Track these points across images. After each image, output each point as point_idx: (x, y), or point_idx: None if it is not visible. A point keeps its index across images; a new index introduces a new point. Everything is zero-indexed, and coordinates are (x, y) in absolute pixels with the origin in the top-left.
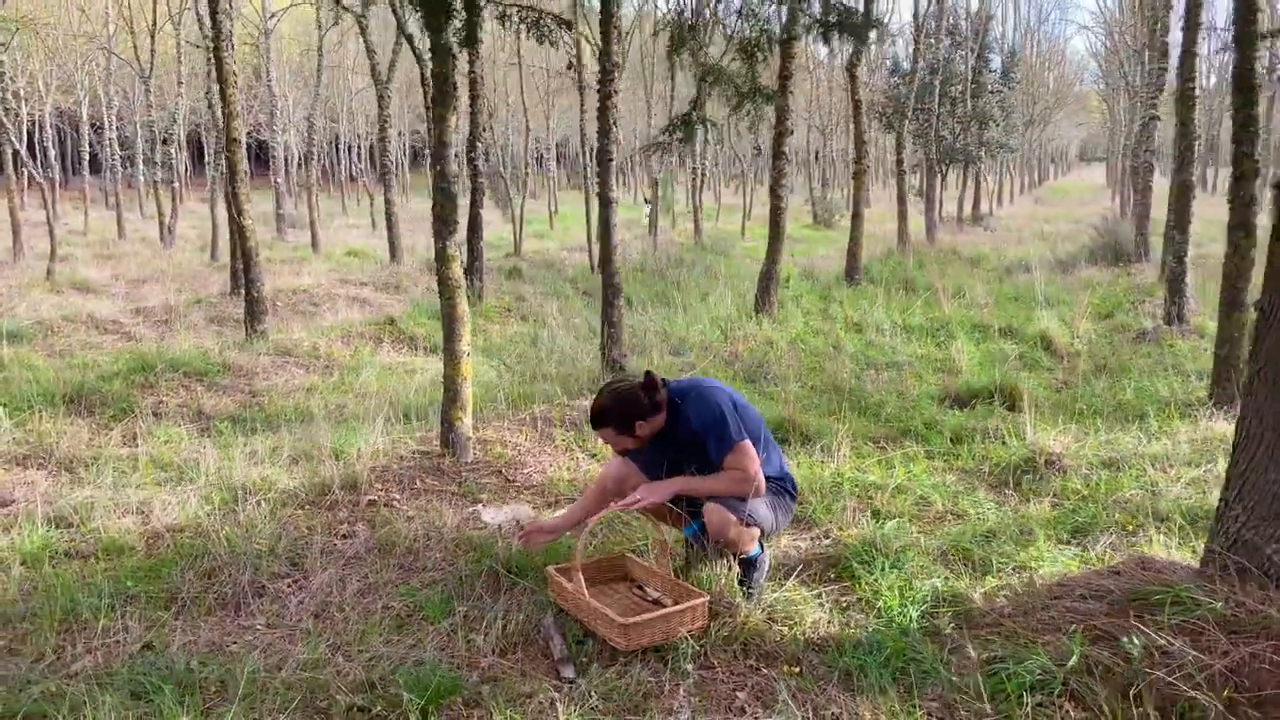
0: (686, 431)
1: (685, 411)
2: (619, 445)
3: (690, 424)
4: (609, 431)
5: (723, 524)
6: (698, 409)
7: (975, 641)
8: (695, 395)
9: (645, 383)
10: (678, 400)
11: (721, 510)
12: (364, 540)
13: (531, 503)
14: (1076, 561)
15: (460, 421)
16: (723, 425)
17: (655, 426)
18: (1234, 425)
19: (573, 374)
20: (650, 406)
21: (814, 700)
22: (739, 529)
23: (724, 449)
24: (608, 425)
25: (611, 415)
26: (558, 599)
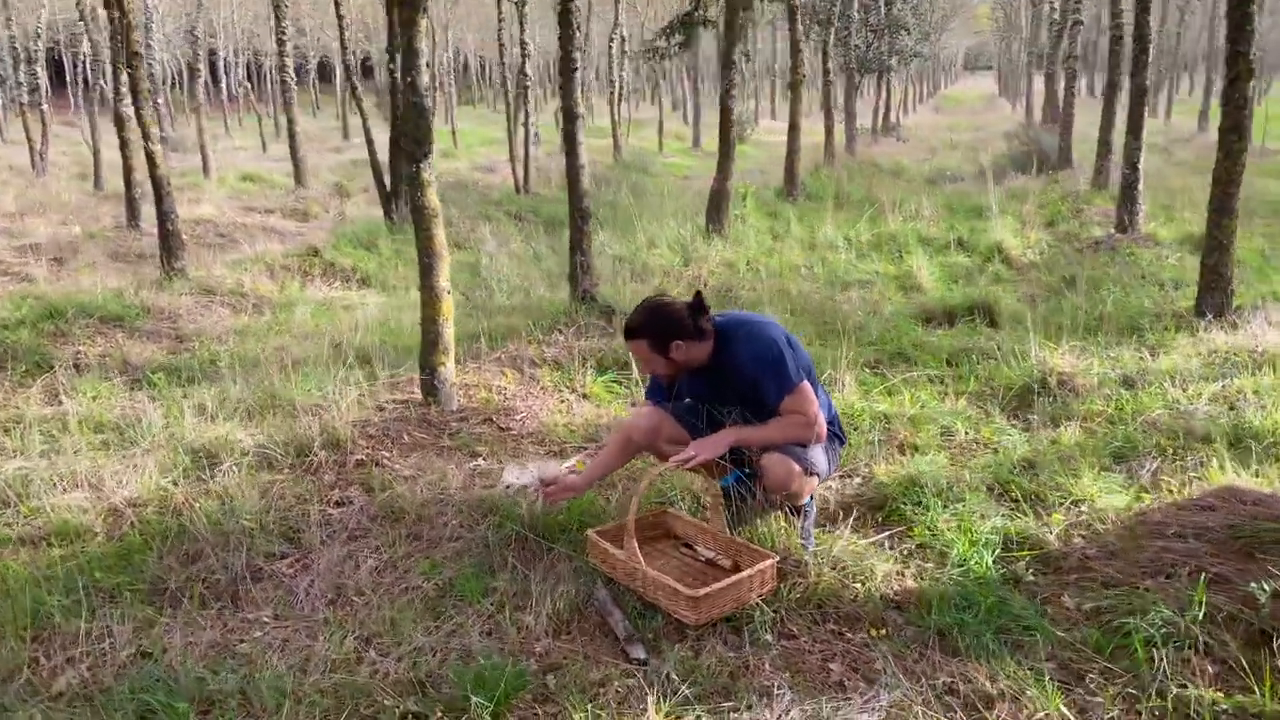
0: (735, 372)
1: (734, 349)
2: (650, 367)
3: (740, 364)
4: (643, 345)
5: (786, 476)
6: (750, 348)
7: (1069, 590)
8: (746, 333)
9: (693, 302)
10: (725, 335)
11: (785, 461)
12: (363, 508)
13: (539, 455)
14: (1130, 491)
15: (443, 367)
16: (780, 366)
17: (694, 356)
18: (1235, 337)
19: (534, 306)
20: (694, 329)
21: (917, 668)
22: (802, 480)
23: (782, 392)
24: (642, 337)
25: (648, 328)
26: (605, 568)
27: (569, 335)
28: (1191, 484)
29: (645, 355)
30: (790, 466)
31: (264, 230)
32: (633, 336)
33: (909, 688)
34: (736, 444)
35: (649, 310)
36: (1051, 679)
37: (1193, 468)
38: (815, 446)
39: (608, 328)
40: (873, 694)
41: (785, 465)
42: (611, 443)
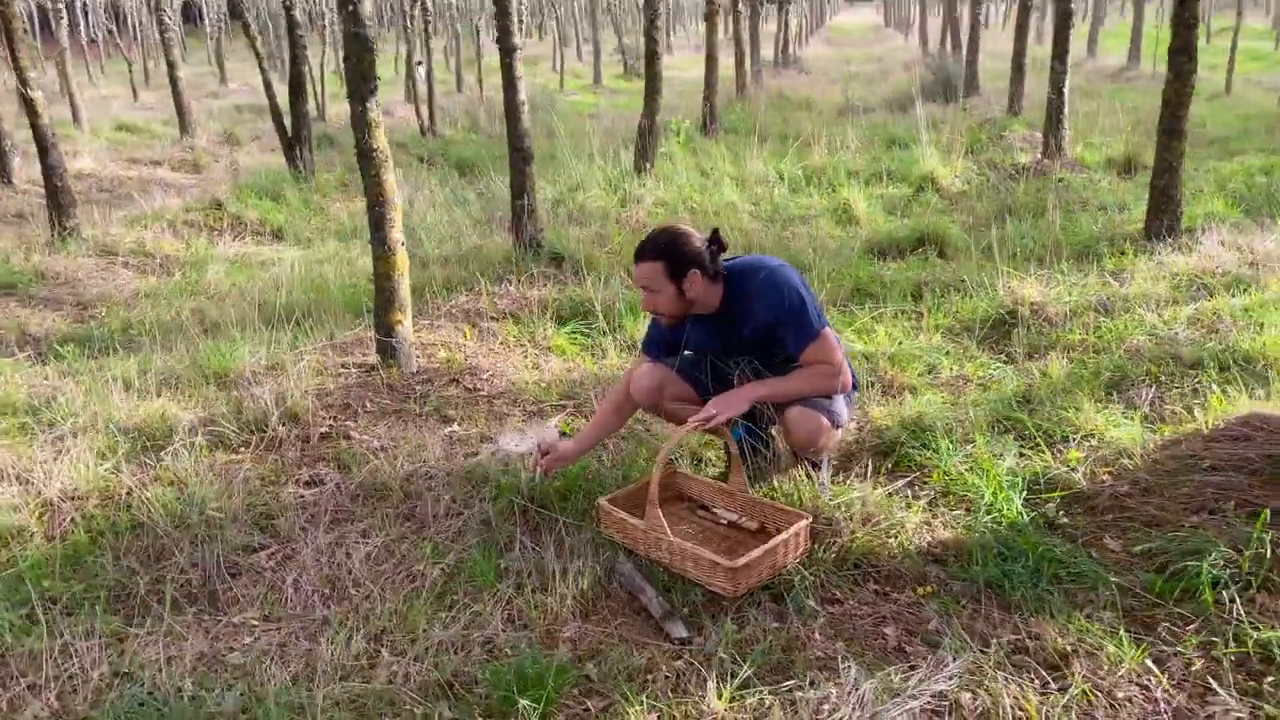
0: (749, 319)
1: (748, 295)
2: (656, 301)
3: (757, 310)
4: (657, 269)
5: (815, 430)
6: (767, 293)
7: (1110, 532)
8: (765, 277)
9: (712, 237)
10: (737, 280)
11: (813, 414)
12: (340, 486)
13: (517, 416)
14: (1135, 421)
15: (401, 326)
16: (802, 312)
17: (706, 298)
18: (1191, 258)
19: (473, 256)
20: (710, 266)
21: (975, 626)
22: (830, 434)
23: (805, 340)
24: (659, 259)
25: (667, 250)
26: (624, 539)
27: (520, 285)
28: (1194, 411)
29: (656, 282)
30: (818, 420)
31: (153, 184)
32: (647, 257)
33: (975, 650)
34: (760, 401)
35: (668, 233)
36: (1128, 631)
37: (1191, 395)
38: (838, 396)
39: (559, 275)
40: (939, 659)
41: (813, 419)
42: (607, 404)
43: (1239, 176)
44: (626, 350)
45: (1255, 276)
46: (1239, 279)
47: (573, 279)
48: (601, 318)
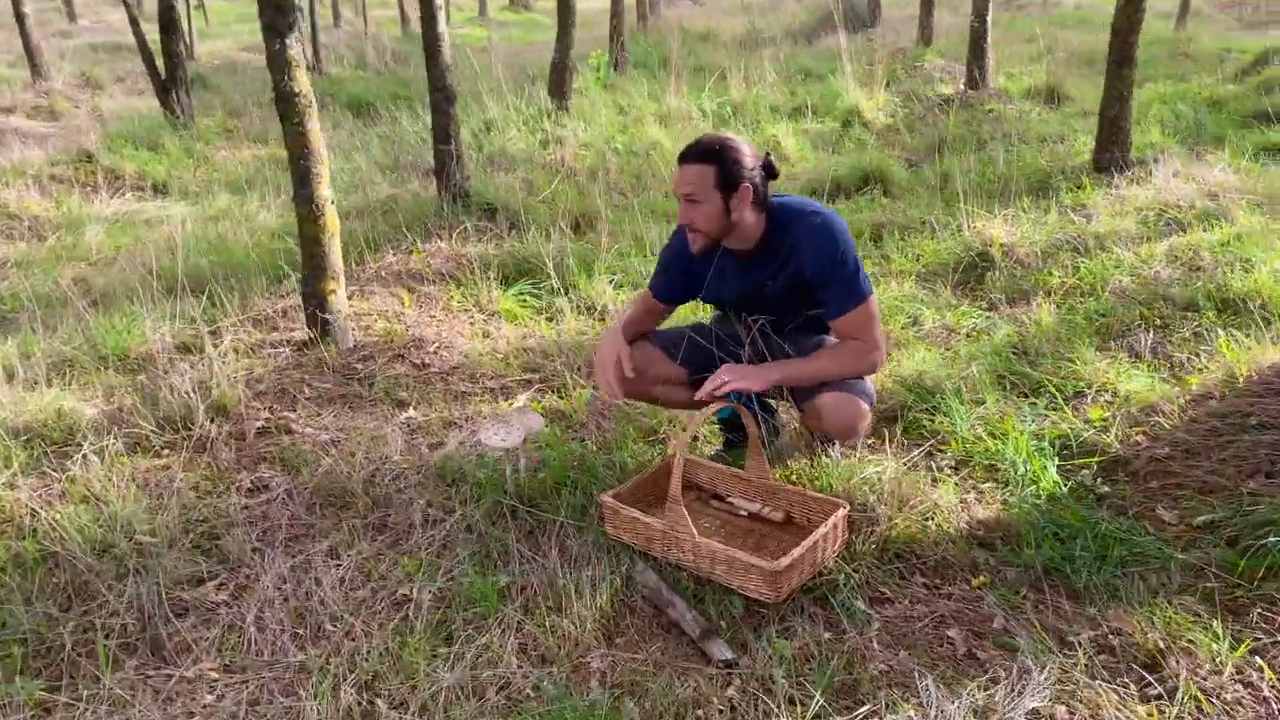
0: (789, 265)
1: (796, 237)
2: (700, 211)
3: (801, 256)
4: (707, 175)
5: (854, 417)
6: (820, 240)
7: (1162, 502)
8: (821, 222)
9: (765, 161)
10: (784, 219)
11: (852, 401)
12: (291, 493)
13: (491, 401)
14: (1145, 372)
15: (334, 296)
16: (854, 272)
17: (746, 230)
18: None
19: (390, 207)
20: (761, 189)
21: (1047, 622)
22: (868, 419)
23: (848, 304)
24: (711, 163)
25: (720, 155)
26: (637, 540)
27: (452, 241)
28: (1200, 358)
29: (703, 191)
30: (857, 406)
31: (7, 133)
32: (697, 159)
33: (1057, 652)
34: (779, 384)
35: (722, 139)
36: (1222, 621)
37: (1194, 340)
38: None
39: (493, 229)
40: (1020, 666)
41: (851, 406)
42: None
43: (1156, 104)
44: (585, 313)
45: (1220, 209)
46: (1206, 212)
47: (510, 233)
48: (555, 275)
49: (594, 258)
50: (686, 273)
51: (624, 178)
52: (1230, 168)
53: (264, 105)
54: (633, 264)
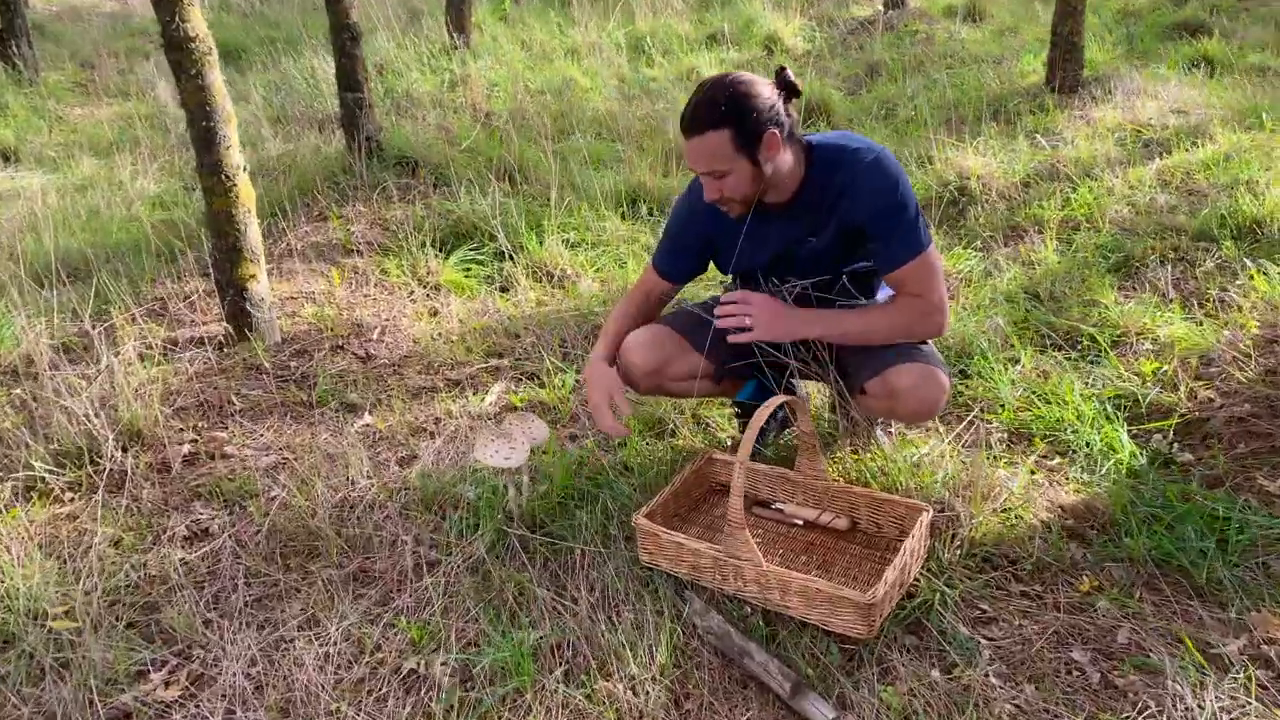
0: (837, 214)
1: (845, 181)
2: (729, 182)
3: (853, 202)
4: (724, 142)
5: (938, 396)
6: (874, 183)
7: (1262, 470)
8: (873, 161)
9: (780, 80)
10: (826, 157)
11: (935, 375)
12: (240, 540)
13: (449, 394)
14: (1175, 313)
15: (255, 283)
16: (914, 218)
17: (782, 174)
18: (1112, 110)
19: (288, 166)
20: (787, 122)
21: (1177, 630)
22: (946, 400)
23: (905, 255)
24: (724, 126)
25: (732, 110)
26: (683, 569)
27: (374, 204)
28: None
29: (725, 160)
30: (940, 382)
31: None
32: (706, 126)
33: (1208, 669)
34: (825, 337)
35: (728, 88)
36: None
37: (1219, 274)
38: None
39: (417, 186)
40: (1171, 693)
41: (935, 382)
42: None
43: None
44: (544, 280)
45: (1196, 127)
46: (1182, 131)
47: (437, 190)
48: (503, 237)
49: (542, 215)
50: (703, 241)
51: (547, 120)
52: (1185, 83)
53: (120, 55)
54: (585, 219)
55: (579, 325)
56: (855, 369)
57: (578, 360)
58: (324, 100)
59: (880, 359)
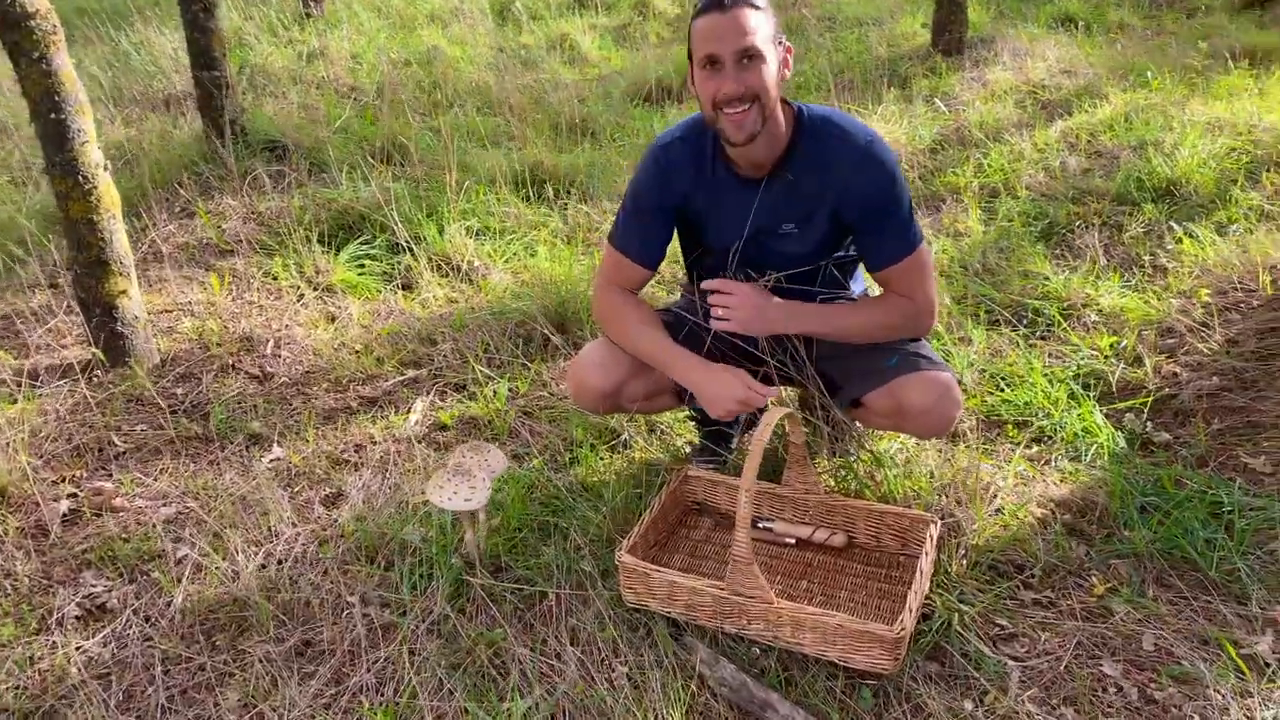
0: (826, 196)
1: (834, 162)
2: (755, 74)
3: (843, 183)
4: (762, 21)
5: (952, 410)
6: (869, 175)
7: (1244, 447)
8: (869, 144)
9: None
10: (817, 130)
11: (949, 385)
12: (146, 617)
13: (367, 414)
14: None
15: (126, 300)
16: (907, 216)
17: (777, 128)
18: (1000, 72)
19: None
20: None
21: (1200, 629)
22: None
23: (899, 251)
24: (762, 9)
25: (766, 4)
26: (675, 608)
27: (245, 196)
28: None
29: (762, 40)
30: (955, 395)
31: None
32: (748, 3)
33: (1248, 674)
34: (816, 332)
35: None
36: None
37: (1146, 238)
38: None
39: (291, 173)
40: (1216, 705)
41: (949, 397)
42: (628, 321)
43: None
44: (449, 274)
45: (1083, 86)
46: (1076, 92)
47: (313, 177)
48: (400, 227)
49: (437, 201)
50: (676, 209)
51: (418, 94)
52: (1060, 42)
53: None
54: (485, 203)
55: (500, 325)
56: (847, 378)
57: (507, 366)
58: (165, 78)
59: (881, 369)
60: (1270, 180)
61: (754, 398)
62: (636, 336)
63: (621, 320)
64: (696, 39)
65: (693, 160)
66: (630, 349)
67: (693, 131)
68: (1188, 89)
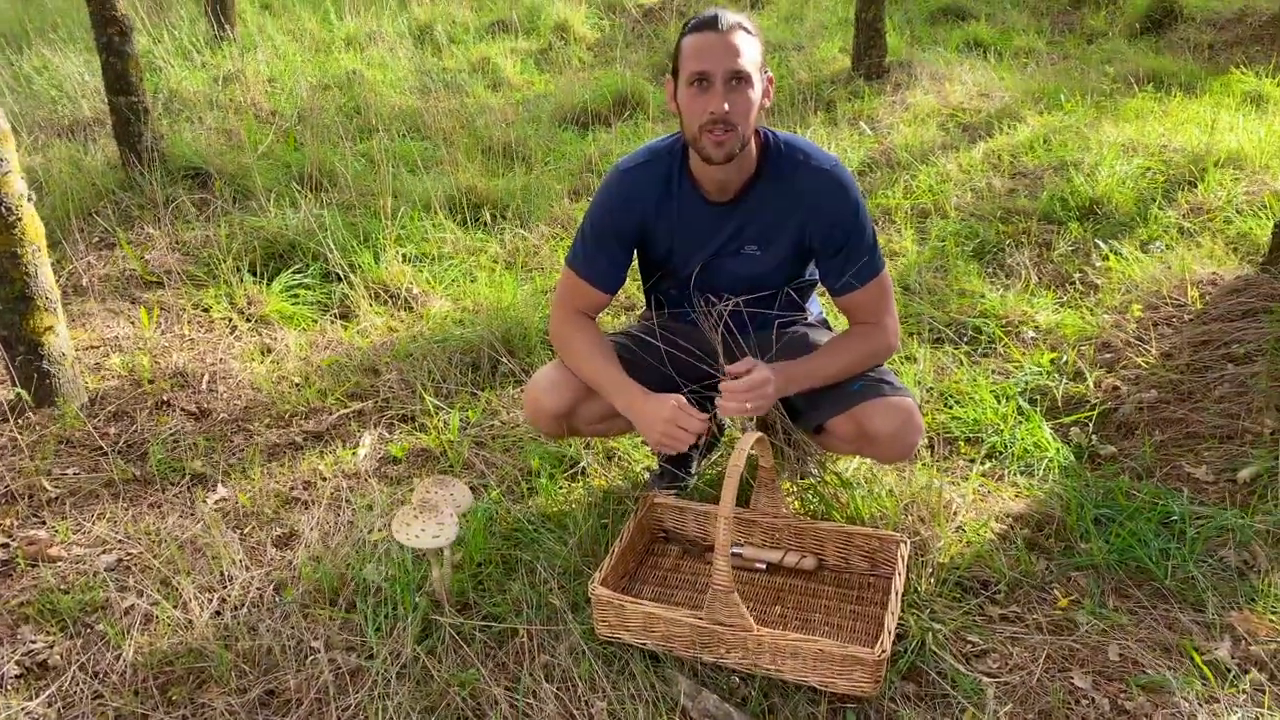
0: (788, 223)
1: (799, 189)
2: (742, 98)
3: (809, 219)
4: (754, 48)
5: (916, 434)
6: (834, 202)
7: (1186, 457)
8: (833, 170)
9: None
10: (784, 158)
11: (911, 414)
12: (93, 671)
13: (314, 449)
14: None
15: (53, 336)
16: (871, 242)
17: (749, 153)
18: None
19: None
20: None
21: (1162, 639)
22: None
23: (864, 276)
24: (755, 37)
25: (757, 31)
26: (651, 640)
27: (167, 226)
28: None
29: (752, 65)
30: (917, 421)
31: None
32: (743, 28)
33: (1213, 680)
34: (811, 385)
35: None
36: None
37: (1074, 255)
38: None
39: (216, 201)
40: (1185, 713)
41: (912, 423)
42: (585, 354)
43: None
44: (387, 302)
45: (1000, 109)
46: (996, 114)
47: (238, 205)
48: (334, 253)
49: (370, 228)
50: (638, 231)
51: (339, 119)
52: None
53: None
54: (421, 229)
55: (445, 354)
56: (810, 403)
57: (455, 395)
58: (71, 103)
59: (842, 394)
60: (1185, 199)
61: (680, 416)
62: (584, 363)
63: (570, 346)
64: (687, 55)
65: (656, 184)
66: (578, 374)
67: (657, 155)
68: (1098, 111)
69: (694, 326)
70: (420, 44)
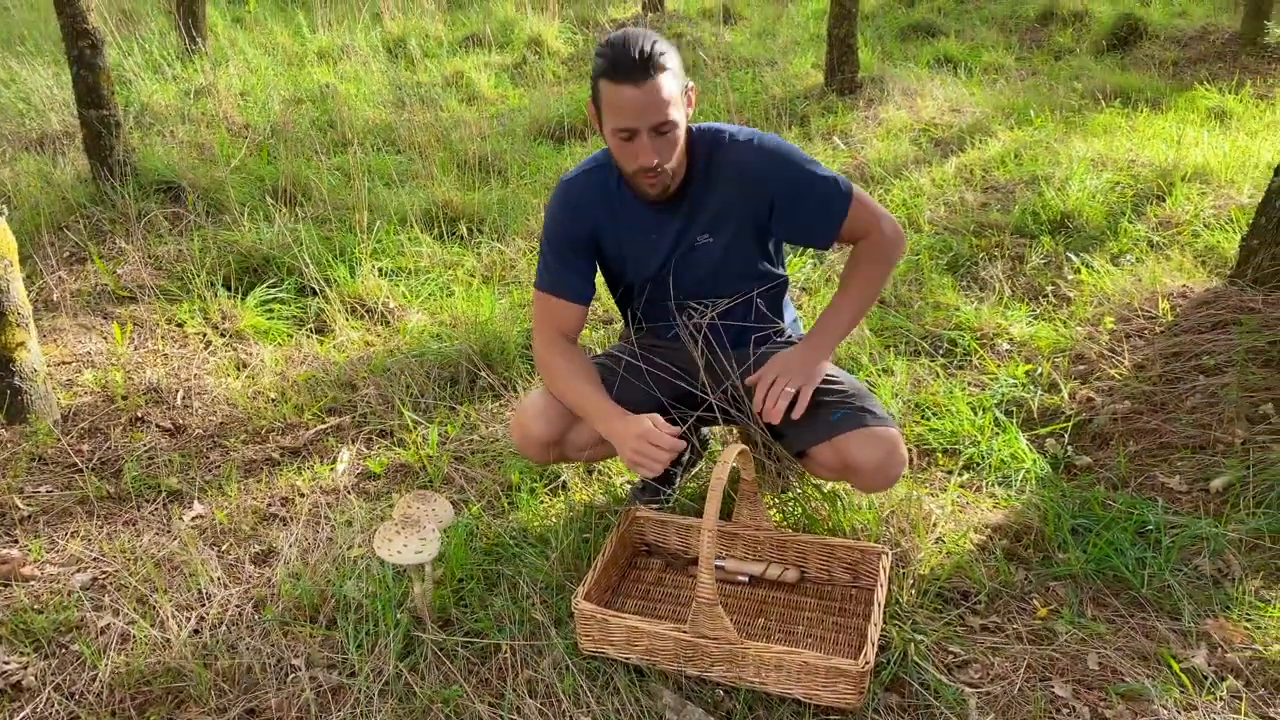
0: (735, 206)
1: (727, 172)
2: (674, 138)
3: (752, 192)
4: (672, 85)
5: (899, 470)
6: (771, 163)
7: (1160, 467)
8: (758, 143)
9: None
10: (711, 147)
11: (896, 445)
12: (69, 692)
13: (291, 466)
14: (1021, 311)
15: (25, 353)
16: (823, 174)
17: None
18: (894, 110)
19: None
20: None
21: (1140, 647)
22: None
23: (840, 208)
24: (669, 66)
25: (670, 52)
26: (635, 654)
27: (140, 240)
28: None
29: (676, 107)
30: (901, 453)
31: None
32: (657, 67)
33: (1191, 689)
34: (837, 333)
35: (648, 31)
36: None
37: (1046, 268)
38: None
39: (189, 215)
40: None
41: (896, 455)
42: (568, 377)
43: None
44: (364, 316)
45: (972, 124)
46: (967, 129)
47: (211, 219)
48: (310, 267)
49: (345, 242)
50: (591, 240)
51: (312, 133)
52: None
53: None
54: (397, 243)
55: (423, 368)
56: (792, 427)
57: (433, 410)
58: (39, 116)
59: (824, 422)
60: (1154, 212)
61: (652, 434)
62: (565, 387)
63: (551, 370)
64: (609, 109)
65: (599, 193)
66: (562, 400)
67: (597, 164)
68: (1067, 126)
69: (673, 343)
70: (393, 58)
